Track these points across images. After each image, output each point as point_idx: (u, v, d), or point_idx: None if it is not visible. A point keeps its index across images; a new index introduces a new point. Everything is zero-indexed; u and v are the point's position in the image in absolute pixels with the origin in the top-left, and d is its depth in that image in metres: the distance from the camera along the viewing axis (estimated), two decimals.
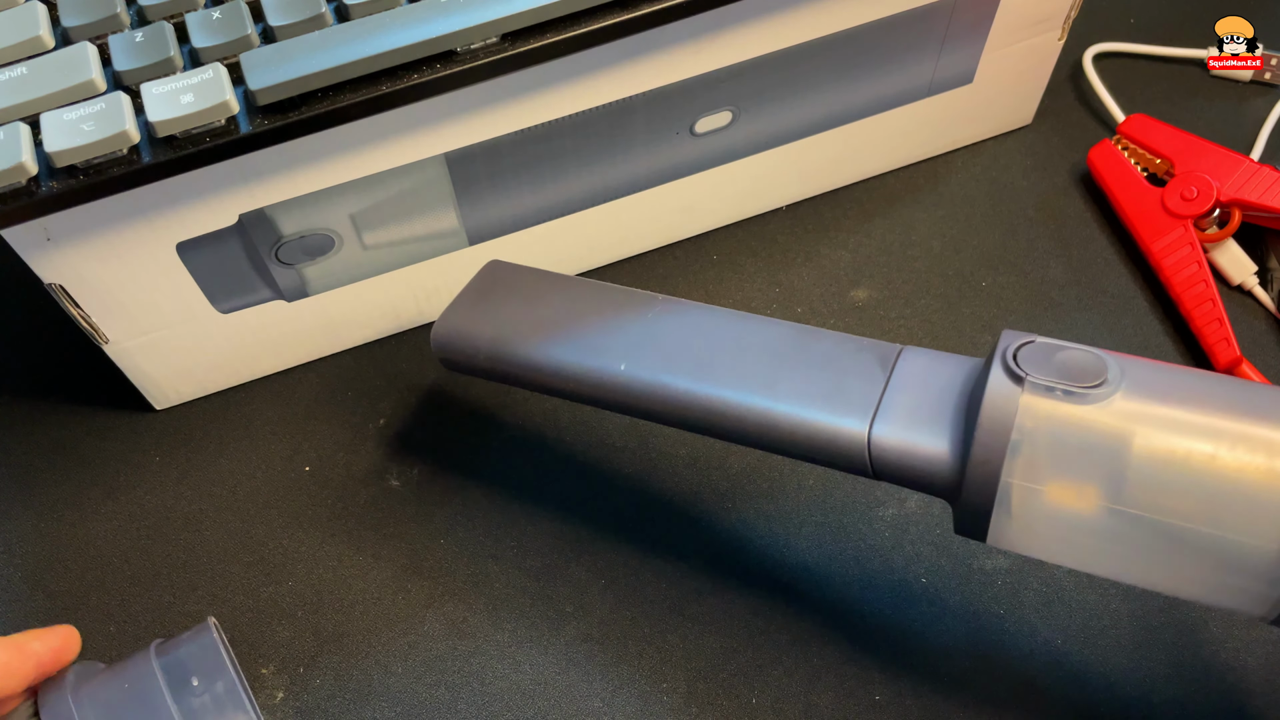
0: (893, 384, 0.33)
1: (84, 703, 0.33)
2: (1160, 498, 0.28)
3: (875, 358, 0.34)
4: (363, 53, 0.35)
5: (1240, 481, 0.27)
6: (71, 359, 0.48)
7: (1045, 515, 0.30)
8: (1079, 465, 0.29)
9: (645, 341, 0.36)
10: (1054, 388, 0.29)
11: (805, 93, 0.45)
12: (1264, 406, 0.29)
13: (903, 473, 0.32)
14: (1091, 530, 0.29)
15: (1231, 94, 0.53)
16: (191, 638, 0.35)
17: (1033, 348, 0.30)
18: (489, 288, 0.40)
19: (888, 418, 0.32)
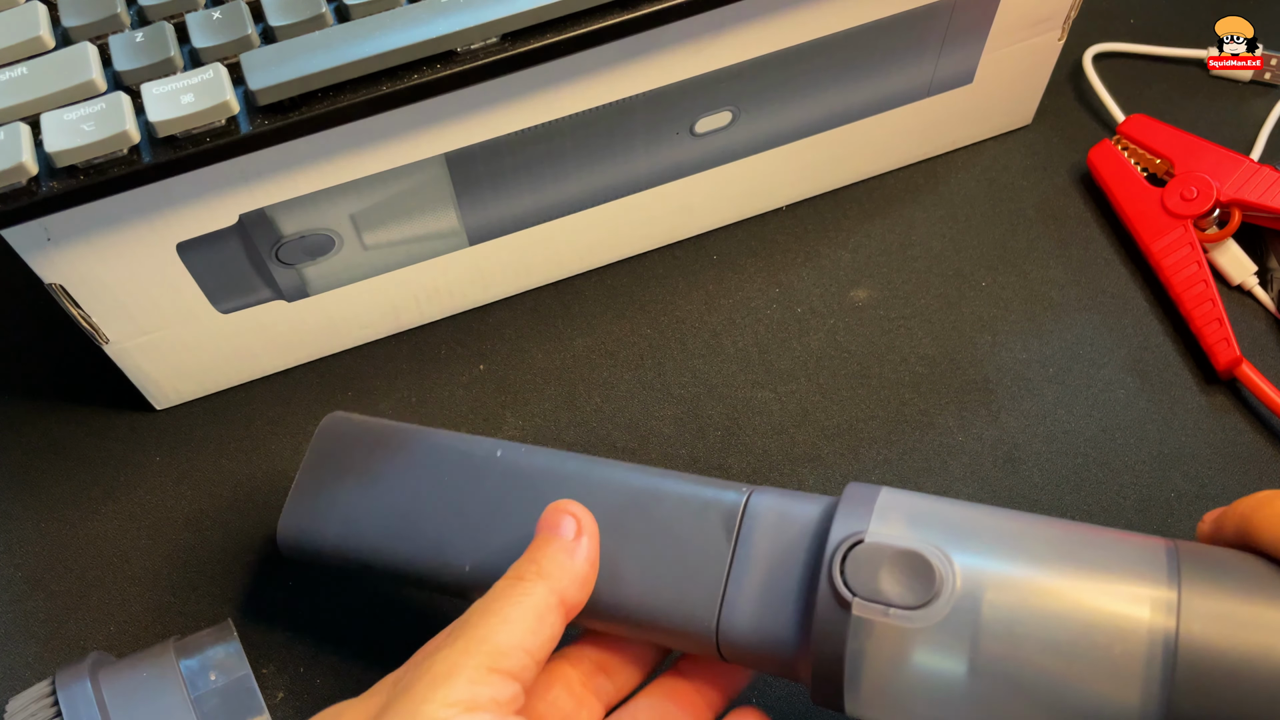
0: (738, 557, 0.31)
1: (101, 689, 0.33)
2: (1009, 678, 0.27)
3: (720, 519, 0.32)
4: (363, 53, 0.35)
5: (1090, 647, 0.26)
6: (71, 359, 0.48)
7: (894, 704, 0.29)
8: (919, 668, 0.28)
9: (488, 528, 0.34)
10: (884, 609, 0.28)
11: (805, 93, 0.45)
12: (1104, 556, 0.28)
13: (756, 667, 0.31)
14: (945, 708, 0.28)
15: (1231, 94, 0.53)
16: (212, 634, 0.35)
17: (862, 552, 0.28)
18: (327, 458, 0.37)
19: (734, 608, 0.30)
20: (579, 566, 0.29)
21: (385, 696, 0.28)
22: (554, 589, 0.29)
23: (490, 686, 0.26)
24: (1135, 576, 0.27)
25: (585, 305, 0.48)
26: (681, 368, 0.46)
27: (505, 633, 0.27)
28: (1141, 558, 0.27)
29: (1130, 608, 0.26)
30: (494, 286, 0.48)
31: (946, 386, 0.45)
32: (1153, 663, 0.26)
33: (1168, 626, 0.26)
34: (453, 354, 0.47)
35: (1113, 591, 0.27)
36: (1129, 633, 0.26)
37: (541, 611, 0.28)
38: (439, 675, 0.26)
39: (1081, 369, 0.45)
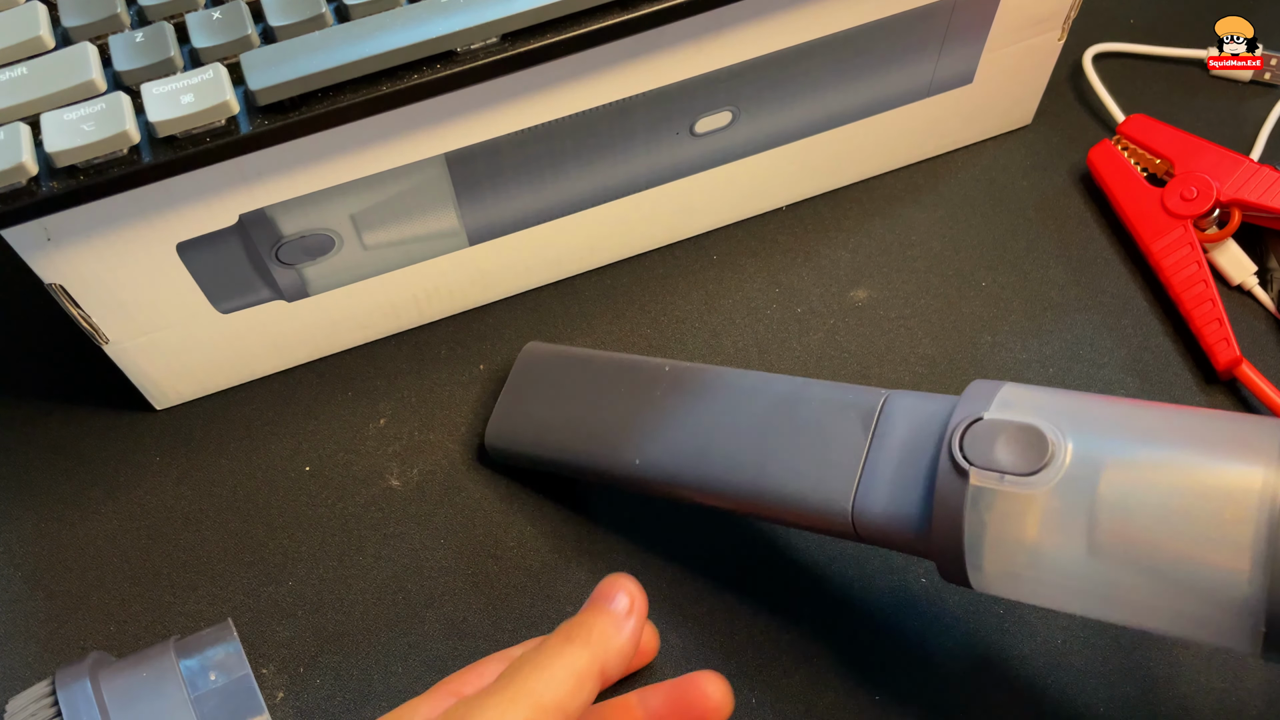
0: (873, 448, 0.34)
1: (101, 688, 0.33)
2: (1125, 553, 0.28)
3: (858, 416, 0.35)
4: (363, 53, 0.35)
5: (1203, 516, 0.27)
6: (71, 359, 0.48)
7: (1016, 578, 0.31)
8: (1035, 542, 0.30)
9: (654, 430, 0.39)
10: (999, 477, 0.30)
11: (805, 93, 0.45)
12: (1216, 434, 0.29)
13: (888, 544, 0.34)
14: (1064, 583, 0.30)
15: (1231, 94, 0.53)
16: (212, 634, 0.35)
17: (980, 428, 0.31)
18: (526, 378, 0.44)
19: (868, 491, 0.33)
20: (624, 643, 0.31)
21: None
22: (597, 658, 0.30)
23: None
24: (1248, 450, 0.28)
25: (585, 305, 0.48)
26: None
27: (549, 692, 0.29)
28: (1256, 433, 0.28)
29: (1242, 477, 0.27)
30: (494, 286, 0.48)
31: (946, 387, 0.45)
32: (1260, 528, 0.26)
33: (1277, 492, 0.27)
34: (453, 354, 0.47)
35: (1225, 463, 0.28)
36: (1240, 500, 0.27)
37: (583, 678, 0.30)
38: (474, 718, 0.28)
39: (1081, 369, 0.45)
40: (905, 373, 0.45)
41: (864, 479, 0.34)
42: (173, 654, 0.34)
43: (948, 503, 0.31)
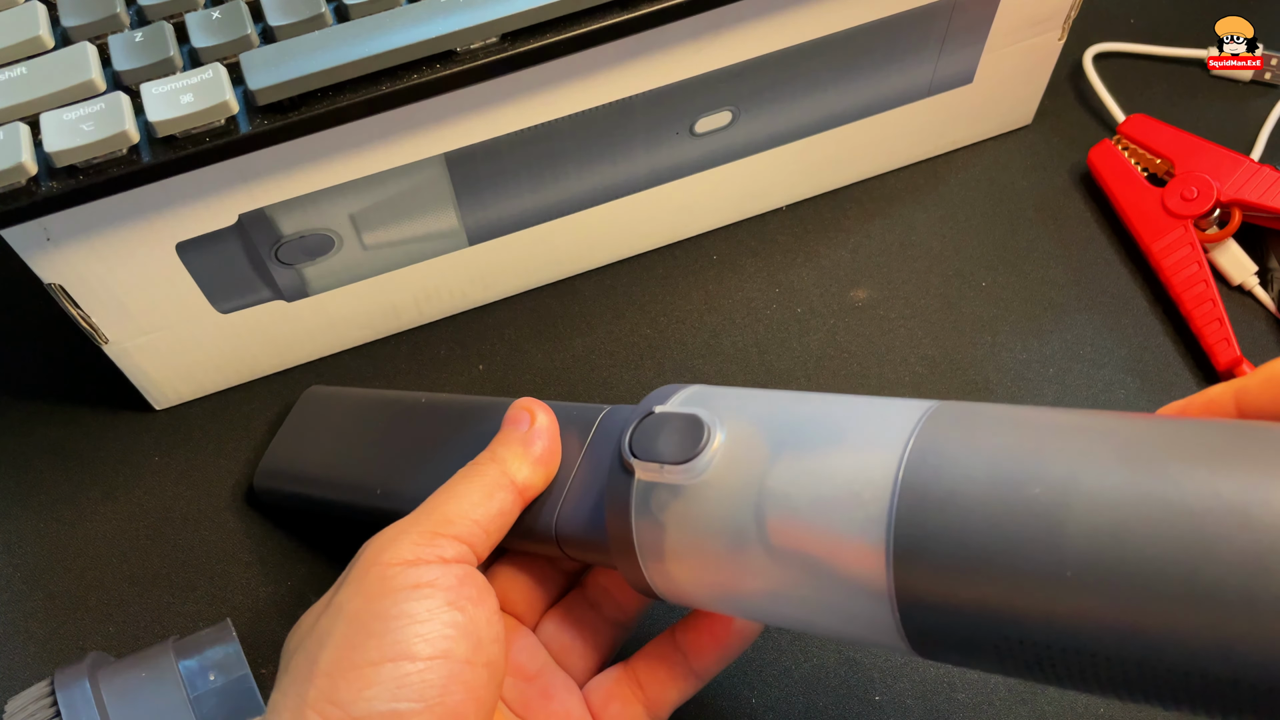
0: (582, 463, 0.33)
1: (100, 688, 0.33)
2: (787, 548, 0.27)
3: (577, 432, 0.33)
4: (363, 53, 0.35)
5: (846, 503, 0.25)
6: (71, 359, 0.48)
7: (695, 585, 0.29)
8: (706, 534, 0.28)
9: (399, 461, 0.38)
10: (659, 467, 0.29)
11: (805, 93, 0.45)
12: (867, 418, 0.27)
13: (590, 559, 0.32)
14: (739, 587, 0.28)
15: (1231, 94, 0.53)
16: (211, 634, 0.35)
17: (648, 422, 0.30)
18: (300, 420, 0.44)
19: (568, 507, 0.32)
20: (532, 450, 0.32)
21: (345, 572, 0.30)
22: (504, 470, 0.31)
23: (434, 547, 0.29)
24: (890, 431, 0.26)
25: (585, 305, 0.48)
26: (681, 368, 0.46)
27: (454, 505, 0.30)
28: (900, 413, 0.26)
29: (879, 459, 0.25)
30: (494, 286, 0.48)
31: (946, 387, 0.45)
32: (891, 511, 0.24)
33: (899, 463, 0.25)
34: (453, 354, 0.47)
35: (868, 448, 0.26)
36: (876, 483, 0.25)
37: (490, 488, 0.30)
38: (386, 541, 0.29)
39: (1082, 369, 0.45)
40: (905, 373, 0.45)
41: (569, 494, 0.32)
42: (172, 654, 0.34)
43: (616, 501, 0.30)
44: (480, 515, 0.30)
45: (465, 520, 0.30)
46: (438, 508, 0.30)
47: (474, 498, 0.30)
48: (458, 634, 0.27)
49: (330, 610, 0.29)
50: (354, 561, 0.30)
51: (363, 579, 0.28)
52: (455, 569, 0.29)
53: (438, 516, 0.29)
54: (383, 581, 0.28)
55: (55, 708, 0.32)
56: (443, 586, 0.28)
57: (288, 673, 0.28)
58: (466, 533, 0.30)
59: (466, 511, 0.30)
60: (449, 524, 0.29)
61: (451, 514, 0.30)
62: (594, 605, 0.34)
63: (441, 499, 0.30)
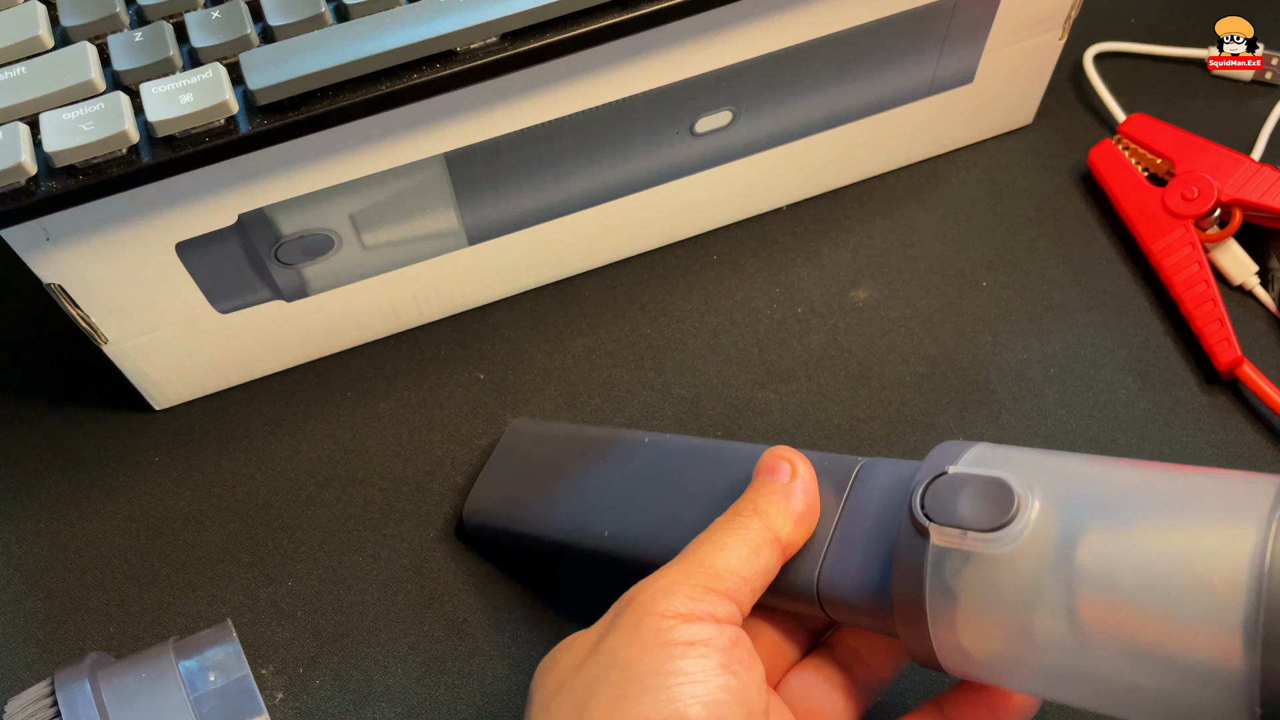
0: (844, 517, 0.32)
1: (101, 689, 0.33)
2: (1105, 627, 0.25)
3: (832, 485, 0.32)
4: (362, 52, 0.35)
5: (1190, 584, 0.24)
6: (71, 359, 0.48)
7: (988, 656, 0.28)
8: (1006, 613, 0.27)
9: (627, 502, 0.37)
10: (961, 534, 0.27)
11: (805, 93, 0.45)
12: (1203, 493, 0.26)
13: (853, 619, 0.31)
14: (1042, 662, 0.27)
15: (1232, 94, 0.53)
16: (211, 635, 0.35)
17: (942, 483, 0.28)
18: (509, 453, 0.43)
19: (834, 563, 0.31)
20: (794, 505, 0.31)
21: (610, 616, 0.29)
22: (769, 525, 0.30)
23: (707, 603, 0.28)
24: (1238, 510, 0.25)
25: (585, 305, 0.48)
26: (681, 368, 0.46)
27: (722, 559, 0.29)
28: (1246, 491, 0.25)
29: (1230, 540, 0.24)
30: (494, 286, 0.48)
31: (947, 387, 0.45)
32: (1252, 596, 0.23)
33: (1264, 552, 0.23)
34: (453, 354, 0.47)
35: (1213, 526, 0.25)
36: (1228, 566, 0.24)
37: (756, 544, 0.30)
38: (659, 590, 0.28)
39: (1082, 369, 0.45)
40: (905, 373, 0.45)
41: (831, 550, 0.31)
42: (172, 654, 0.34)
43: (907, 565, 0.28)
44: (748, 573, 0.29)
45: (734, 577, 0.29)
46: (705, 560, 0.29)
47: (742, 553, 0.29)
48: (731, 700, 0.27)
49: (599, 655, 0.28)
50: (622, 607, 0.29)
51: (636, 628, 0.28)
52: (729, 630, 0.28)
53: (708, 570, 0.29)
54: (657, 634, 0.27)
55: (55, 708, 0.32)
56: (717, 647, 0.27)
57: (550, 713, 0.28)
58: (735, 590, 0.29)
59: (736, 568, 0.29)
60: (719, 579, 0.29)
61: (721, 569, 0.29)
62: (843, 666, 0.33)
63: (707, 551, 0.29)
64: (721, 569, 0.29)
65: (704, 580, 0.28)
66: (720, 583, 0.28)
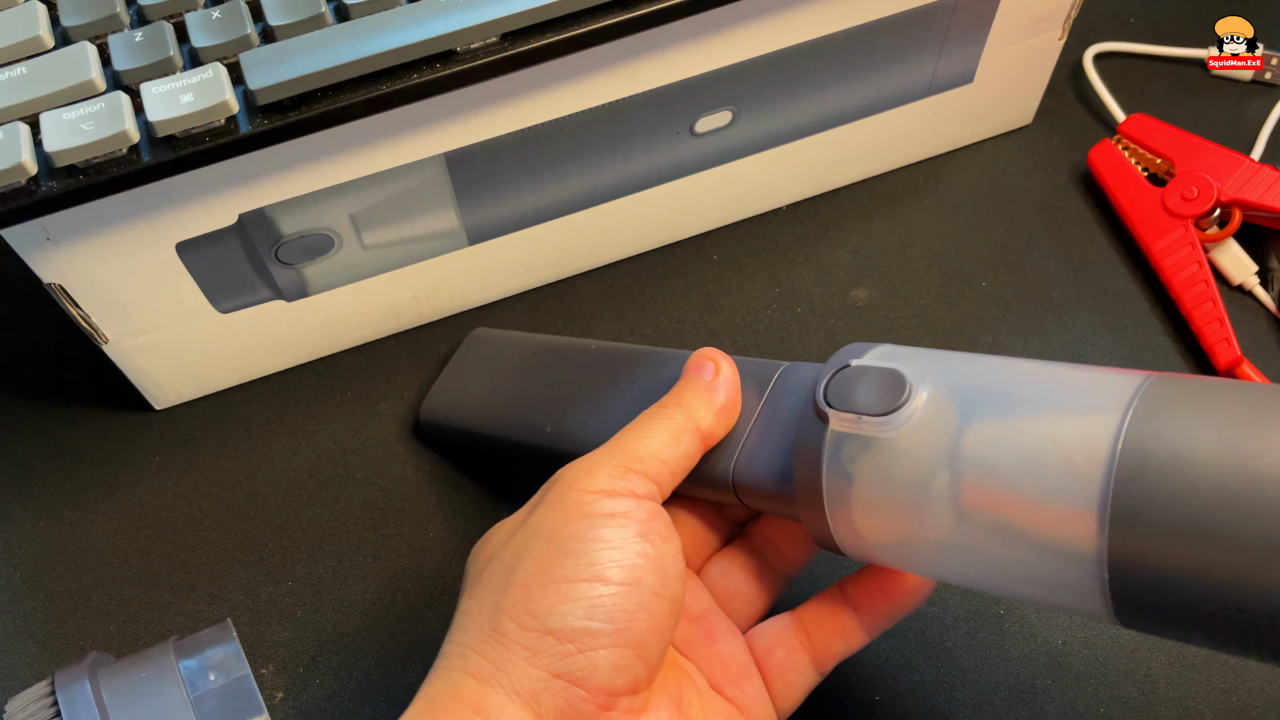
0: (762, 414, 0.34)
1: (101, 688, 0.33)
2: (986, 509, 0.27)
3: (755, 385, 0.34)
4: (363, 52, 0.35)
5: (1056, 467, 0.26)
6: (71, 359, 0.48)
7: (881, 538, 0.30)
8: (897, 494, 0.29)
9: (569, 402, 0.39)
10: (856, 418, 0.29)
11: (805, 93, 0.45)
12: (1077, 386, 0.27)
13: (767, 508, 0.33)
14: (930, 543, 0.29)
15: (1231, 94, 0.53)
16: (211, 634, 0.35)
17: (845, 374, 0.30)
18: (465, 360, 0.45)
19: (748, 454, 0.33)
20: (715, 399, 0.33)
21: (538, 495, 0.31)
22: (691, 416, 0.32)
23: (628, 481, 0.30)
24: (1105, 399, 0.26)
25: (585, 305, 0.48)
26: None
27: (645, 443, 0.31)
28: (1114, 383, 0.27)
29: (1093, 425, 0.26)
30: (494, 286, 0.48)
31: None
32: (1108, 476, 0.25)
33: (1118, 435, 0.25)
34: (453, 354, 0.47)
35: (1080, 413, 0.27)
36: (1090, 448, 0.25)
37: (678, 432, 0.32)
38: (582, 471, 0.30)
39: None
40: None
41: (748, 442, 0.33)
42: (172, 654, 0.34)
43: (808, 450, 0.30)
44: (668, 457, 0.31)
45: (654, 460, 0.31)
46: (629, 445, 0.31)
47: (663, 439, 0.31)
48: (648, 565, 0.29)
49: (527, 527, 0.30)
50: (549, 486, 0.31)
51: (560, 502, 0.30)
52: (646, 505, 0.30)
53: (630, 453, 0.31)
54: (580, 506, 0.29)
55: (55, 708, 0.32)
56: (635, 519, 0.29)
57: (480, 581, 0.30)
58: (655, 472, 0.31)
59: (656, 451, 0.31)
60: (640, 461, 0.31)
61: (643, 452, 0.31)
62: (759, 554, 0.35)
63: (632, 437, 0.31)
64: (643, 452, 0.31)
65: (626, 461, 0.31)
66: (641, 464, 0.31)
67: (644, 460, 0.31)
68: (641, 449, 0.31)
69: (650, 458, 0.31)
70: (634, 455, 0.31)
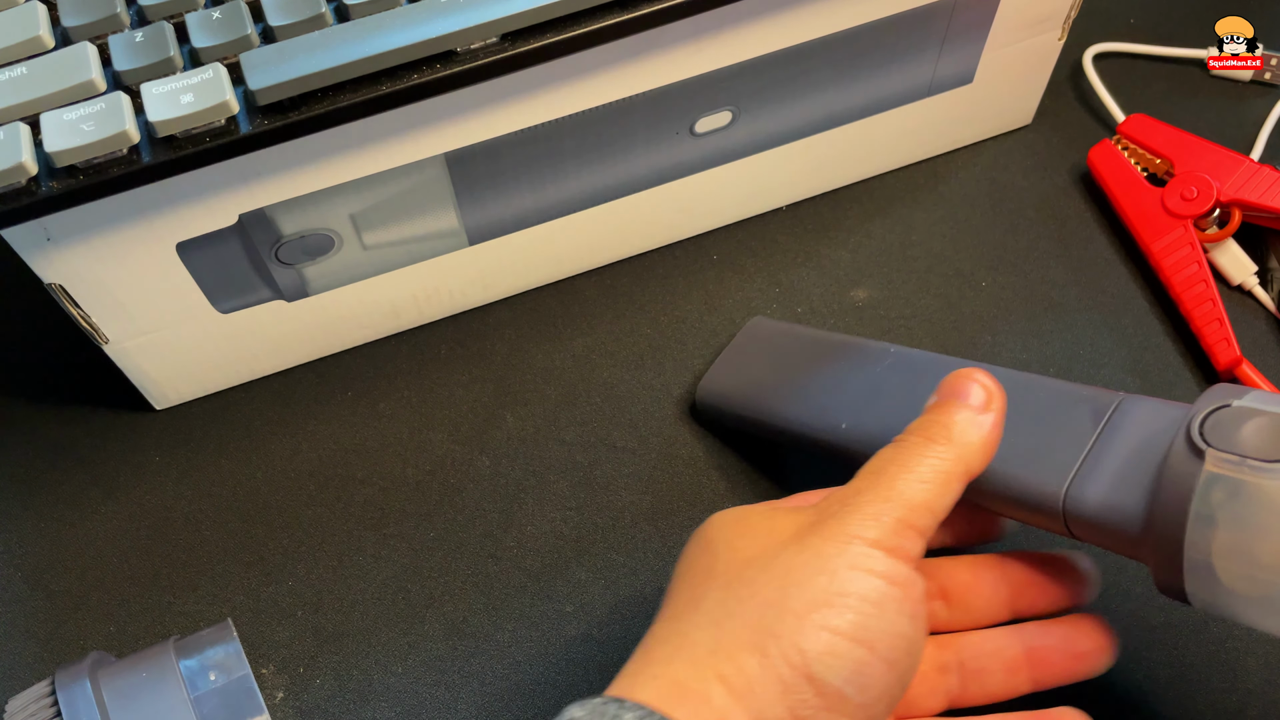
0: (1100, 442, 0.32)
1: (101, 688, 0.33)
2: None
3: (1090, 412, 0.33)
4: (363, 53, 0.35)
5: None
6: (71, 359, 0.48)
7: (1242, 589, 0.28)
8: (1266, 540, 0.27)
9: (867, 399, 0.38)
10: (1239, 460, 0.27)
11: (805, 93, 0.45)
12: None
13: (1096, 537, 0.31)
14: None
15: (1231, 94, 0.53)
16: (211, 634, 0.35)
17: (1226, 414, 0.29)
18: (745, 346, 0.45)
19: (1085, 481, 0.31)
20: (986, 436, 0.30)
21: (811, 517, 0.30)
22: (961, 456, 0.30)
23: (905, 539, 0.29)
24: None
25: (585, 305, 0.48)
26: (681, 368, 0.46)
27: (916, 489, 0.29)
28: None
29: None
30: (494, 286, 0.48)
31: None
32: None
33: None
34: (453, 354, 0.47)
35: None
36: None
37: (949, 477, 0.30)
38: (867, 516, 0.28)
39: (1082, 369, 0.45)
40: None
41: (1083, 469, 0.31)
42: (172, 654, 0.34)
43: (1174, 488, 0.28)
44: (939, 507, 0.29)
45: (928, 513, 0.29)
46: (902, 490, 0.29)
47: (935, 486, 0.29)
48: (908, 647, 0.28)
49: (800, 551, 0.28)
50: (823, 515, 0.29)
51: (835, 537, 0.28)
52: (919, 582, 0.29)
53: (904, 502, 0.29)
54: (857, 557, 0.28)
55: (56, 707, 0.32)
56: (911, 596, 0.28)
57: (742, 580, 0.28)
58: (927, 526, 0.29)
59: (929, 501, 0.29)
60: (915, 514, 0.29)
61: (918, 501, 0.29)
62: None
63: (903, 480, 0.29)
64: (919, 502, 0.29)
65: (904, 514, 0.29)
66: (916, 517, 0.29)
67: (918, 513, 0.29)
68: (915, 497, 0.29)
69: (923, 509, 0.29)
70: (908, 505, 0.29)
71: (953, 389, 0.31)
